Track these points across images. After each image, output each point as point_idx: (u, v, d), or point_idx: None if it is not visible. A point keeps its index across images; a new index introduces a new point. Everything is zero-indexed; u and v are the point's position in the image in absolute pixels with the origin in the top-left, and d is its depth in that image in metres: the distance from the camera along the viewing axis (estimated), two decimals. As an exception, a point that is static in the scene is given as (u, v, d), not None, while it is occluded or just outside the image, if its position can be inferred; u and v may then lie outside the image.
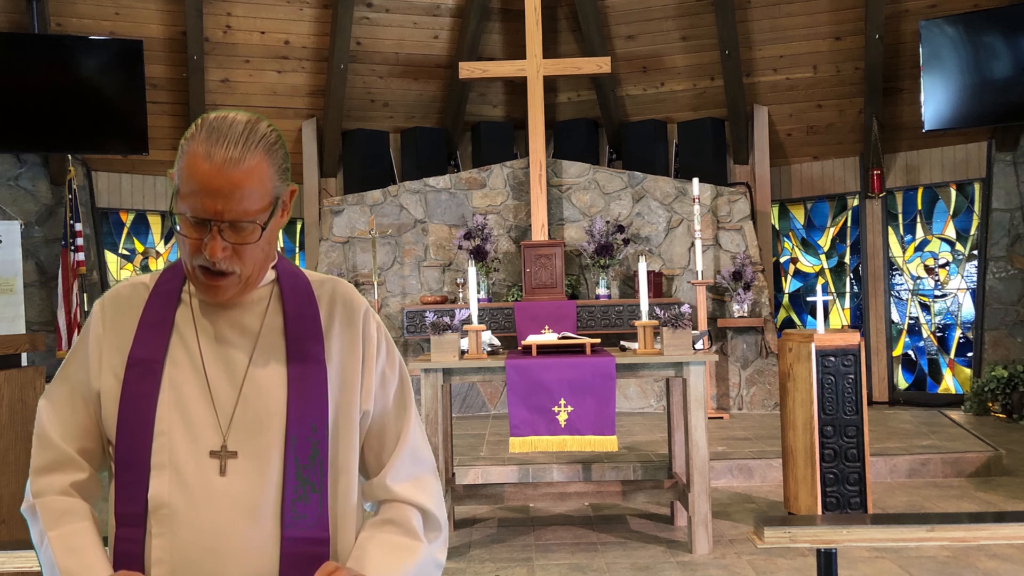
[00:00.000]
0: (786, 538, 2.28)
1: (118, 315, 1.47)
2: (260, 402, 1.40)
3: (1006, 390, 7.74)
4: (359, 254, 8.59)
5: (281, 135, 1.43)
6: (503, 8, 9.22)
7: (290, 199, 1.45)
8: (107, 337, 1.46)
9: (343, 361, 1.47)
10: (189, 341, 1.44)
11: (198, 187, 1.33)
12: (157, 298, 1.47)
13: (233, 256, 1.37)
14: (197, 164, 1.34)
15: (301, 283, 1.51)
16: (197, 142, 1.35)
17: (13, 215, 7.90)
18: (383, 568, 1.41)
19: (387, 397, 1.53)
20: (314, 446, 1.40)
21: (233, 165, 1.33)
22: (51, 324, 7.88)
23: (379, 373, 1.51)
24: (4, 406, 3.51)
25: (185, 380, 1.41)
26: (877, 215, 8.83)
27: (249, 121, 1.39)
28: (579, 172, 8.72)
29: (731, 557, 4.43)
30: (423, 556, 1.47)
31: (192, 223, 1.35)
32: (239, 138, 1.35)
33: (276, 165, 1.40)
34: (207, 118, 1.39)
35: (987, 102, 7.90)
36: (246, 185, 1.34)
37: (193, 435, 1.38)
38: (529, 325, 7.57)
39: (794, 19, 8.72)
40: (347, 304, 1.51)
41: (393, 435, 1.52)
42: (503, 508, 5.45)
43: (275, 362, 1.43)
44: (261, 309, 1.47)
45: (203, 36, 8.54)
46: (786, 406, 4.89)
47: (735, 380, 8.41)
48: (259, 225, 1.37)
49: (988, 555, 4.33)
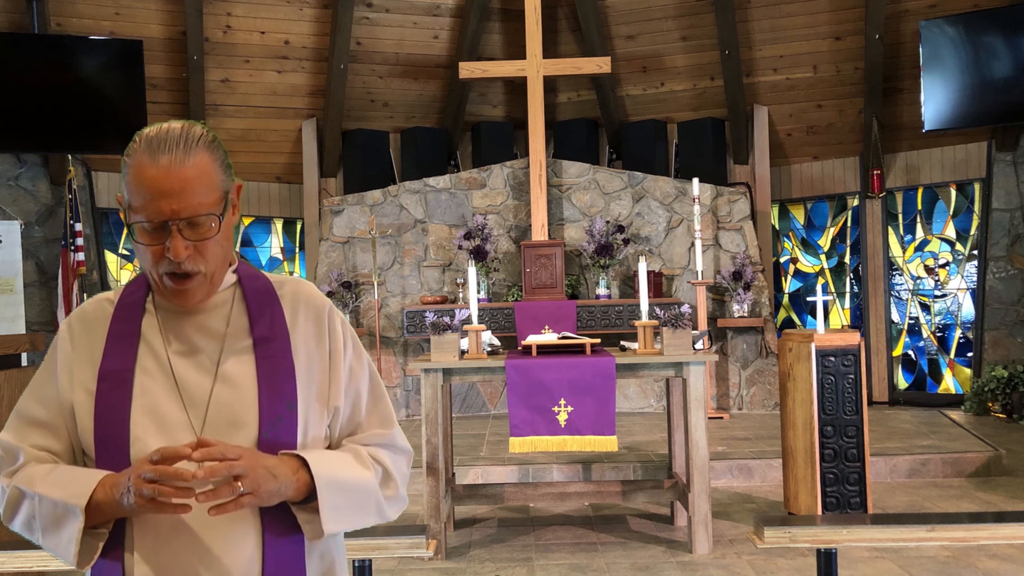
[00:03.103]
0: (786, 538, 2.28)
1: (85, 332, 1.50)
2: (232, 401, 1.43)
3: (1006, 390, 7.74)
4: (359, 254, 8.59)
5: (217, 135, 1.48)
6: (503, 8, 9.22)
7: (237, 195, 1.50)
8: (76, 354, 1.48)
9: (310, 357, 1.50)
10: (157, 349, 1.46)
11: (149, 193, 1.37)
12: (122, 311, 1.50)
13: (196, 254, 1.40)
14: (144, 172, 1.38)
15: (262, 284, 1.54)
16: (140, 154, 1.39)
17: (13, 215, 7.90)
18: (328, 464, 1.42)
19: (358, 392, 1.55)
20: (285, 447, 1.43)
21: (179, 164, 1.37)
22: (51, 324, 7.88)
23: (347, 368, 1.53)
24: (4, 406, 3.51)
25: (156, 386, 1.43)
26: (877, 215, 8.83)
27: (184, 125, 1.43)
28: (579, 172, 8.72)
29: (731, 557, 4.43)
30: (367, 482, 1.47)
31: (150, 231, 1.38)
32: (178, 140, 1.39)
33: (219, 160, 1.43)
34: (143, 133, 1.43)
35: (987, 102, 7.90)
36: (195, 180, 1.38)
37: (168, 438, 1.40)
38: (529, 325, 7.57)
39: (794, 19, 8.72)
40: (310, 302, 1.54)
41: (367, 427, 1.56)
42: (503, 508, 5.46)
43: (244, 361, 1.46)
44: (225, 312, 1.49)
45: (203, 36, 8.54)
46: (786, 406, 4.89)
47: (735, 380, 8.41)
48: (216, 216, 1.40)
49: (988, 555, 4.33)
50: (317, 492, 1.38)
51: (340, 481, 1.42)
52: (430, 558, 4.46)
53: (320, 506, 1.39)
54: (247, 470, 1.31)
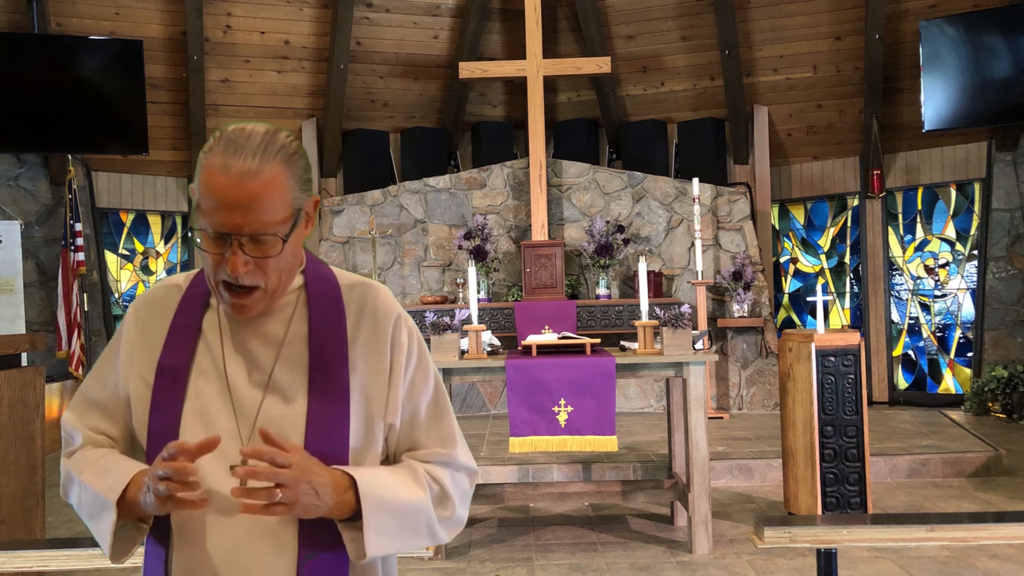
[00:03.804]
0: (786, 538, 2.28)
1: (151, 319, 1.47)
2: (280, 414, 1.38)
3: (1006, 390, 7.74)
4: (359, 254, 8.59)
5: (301, 146, 1.40)
6: (503, 8, 9.22)
7: (313, 209, 1.43)
8: (139, 341, 1.46)
9: (367, 372, 1.43)
10: (214, 349, 1.43)
11: (216, 201, 1.31)
12: (187, 303, 1.47)
13: (256, 270, 1.34)
14: (214, 178, 1.31)
15: (330, 289, 1.47)
16: (214, 155, 1.32)
17: (13, 215, 7.90)
18: (377, 484, 1.36)
19: (416, 408, 1.48)
20: (333, 462, 1.37)
21: (251, 177, 1.30)
22: (51, 324, 7.88)
23: (407, 383, 1.47)
24: (4, 406, 3.51)
25: (209, 389, 1.41)
26: (877, 215, 8.83)
27: (267, 132, 1.36)
28: (579, 172, 8.72)
29: (731, 557, 4.43)
30: (420, 503, 1.41)
31: (212, 238, 1.33)
32: (257, 149, 1.32)
33: (296, 176, 1.36)
34: (225, 130, 1.36)
35: (987, 102, 7.90)
36: (265, 197, 1.31)
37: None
38: (529, 325, 7.57)
39: (794, 19, 8.72)
40: (376, 311, 1.47)
41: (427, 444, 1.49)
42: (503, 508, 5.45)
43: (297, 373, 1.41)
44: (286, 316, 1.44)
45: (203, 36, 8.54)
46: (786, 406, 4.89)
47: (735, 380, 8.41)
48: (280, 238, 1.34)
49: (988, 555, 4.33)
50: (363, 513, 1.32)
51: (389, 503, 1.36)
52: (430, 558, 4.46)
53: (365, 528, 1.33)
54: (290, 481, 1.25)
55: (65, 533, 5.07)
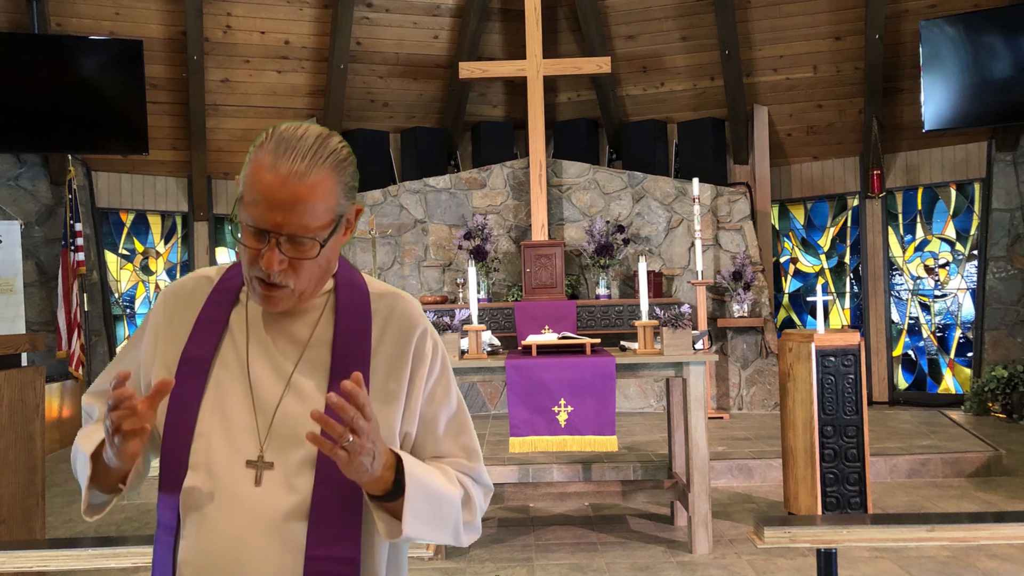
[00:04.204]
0: (786, 538, 2.28)
1: (179, 309, 1.48)
2: (297, 415, 1.39)
3: (1006, 390, 7.74)
4: (359, 254, 8.59)
5: (352, 153, 1.41)
6: (503, 8, 9.22)
7: (355, 217, 1.43)
8: (165, 329, 1.47)
9: (387, 380, 1.44)
10: (239, 343, 1.44)
11: (261, 197, 1.31)
12: (217, 295, 1.48)
13: (289, 270, 1.36)
14: (262, 174, 1.32)
15: (359, 296, 1.48)
16: (265, 151, 1.33)
17: (13, 215, 7.90)
18: (418, 468, 1.37)
19: (435, 418, 1.49)
20: None
21: (298, 179, 1.31)
22: (51, 324, 7.88)
23: (426, 393, 1.48)
24: (4, 406, 3.51)
25: (230, 382, 1.41)
26: (877, 215, 8.83)
27: (320, 135, 1.36)
28: (579, 172, 8.72)
29: (731, 557, 4.43)
30: (453, 498, 1.42)
31: (252, 233, 1.34)
32: (307, 152, 1.32)
33: (343, 183, 1.37)
34: (278, 128, 1.36)
35: (987, 102, 7.90)
36: (309, 200, 1.32)
37: (231, 440, 1.38)
38: (529, 325, 7.57)
39: (794, 19, 8.72)
40: (402, 321, 1.48)
41: (448, 453, 1.50)
42: (503, 508, 5.45)
43: (318, 376, 1.41)
44: (313, 319, 1.45)
45: (203, 36, 8.54)
46: (786, 406, 4.89)
47: (735, 380, 8.41)
48: (318, 242, 1.35)
49: (988, 555, 4.33)
50: (405, 491, 1.33)
51: (430, 489, 1.38)
52: (430, 558, 4.46)
53: (405, 505, 1.33)
54: (364, 431, 1.24)
55: (65, 533, 5.07)
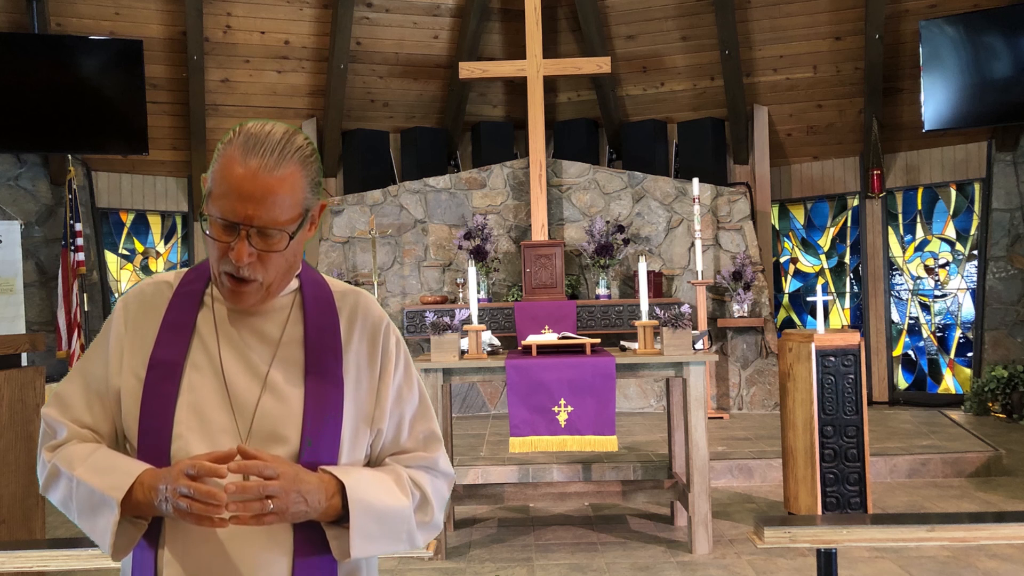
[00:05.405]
0: (786, 538, 2.28)
1: (141, 315, 1.48)
2: (277, 413, 1.40)
3: (1006, 390, 7.74)
4: (359, 254, 8.59)
5: (316, 150, 1.45)
6: (503, 8, 9.22)
7: (319, 213, 1.46)
8: (129, 336, 1.46)
9: (359, 376, 1.48)
10: (210, 345, 1.44)
11: (231, 190, 1.34)
12: (180, 299, 1.47)
13: (257, 263, 1.38)
14: (232, 168, 1.35)
15: (324, 294, 1.51)
16: (234, 147, 1.36)
17: (13, 215, 7.90)
18: (365, 488, 1.39)
19: (403, 414, 1.52)
20: (327, 461, 1.40)
21: (267, 171, 1.34)
22: (51, 324, 7.88)
23: (395, 389, 1.51)
24: (4, 406, 3.51)
25: (204, 383, 1.41)
26: (877, 215, 8.83)
27: (287, 132, 1.40)
28: (579, 172, 8.72)
29: (731, 557, 4.43)
30: (403, 510, 1.44)
31: (222, 226, 1.36)
32: (275, 146, 1.36)
33: (309, 178, 1.41)
34: (245, 125, 1.40)
35: (987, 102, 7.90)
36: (278, 192, 1.35)
37: (211, 441, 1.38)
38: (529, 325, 7.57)
39: (794, 19, 8.72)
40: (367, 318, 1.52)
41: (411, 448, 1.53)
42: (503, 508, 5.46)
43: (293, 373, 1.43)
44: (282, 318, 1.47)
45: (203, 36, 8.54)
46: (786, 406, 4.89)
47: (735, 380, 8.41)
48: (287, 234, 1.38)
49: (988, 555, 4.33)
50: (350, 517, 1.36)
51: (375, 508, 1.40)
52: (430, 558, 4.46)
53: (351, 531, 1.37)
54: (280, 492, 1.29)
55: (65, 533, 5.07)
